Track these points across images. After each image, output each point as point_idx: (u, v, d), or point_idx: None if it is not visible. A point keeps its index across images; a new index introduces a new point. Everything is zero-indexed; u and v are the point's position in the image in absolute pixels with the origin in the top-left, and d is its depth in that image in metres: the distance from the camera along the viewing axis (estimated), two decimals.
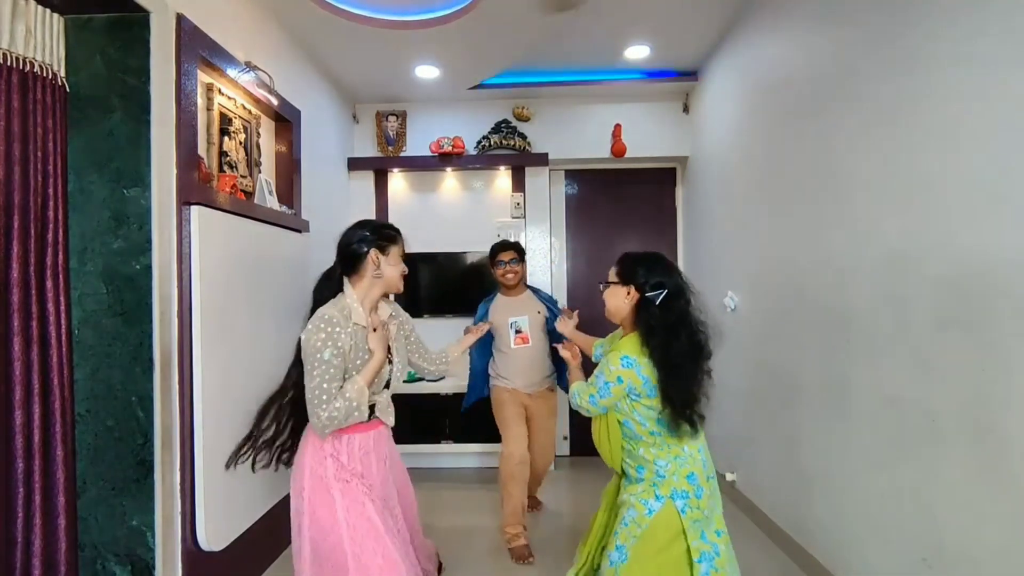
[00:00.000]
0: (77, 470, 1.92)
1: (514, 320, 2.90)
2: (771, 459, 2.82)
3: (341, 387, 1.63)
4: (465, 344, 2.37)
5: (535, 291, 3.09)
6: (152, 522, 1.93)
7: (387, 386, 1.85)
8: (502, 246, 3.00)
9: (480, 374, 3.03)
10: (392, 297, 1.96)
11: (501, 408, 2.90)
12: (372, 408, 1.78)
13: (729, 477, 3.31)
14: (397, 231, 1.83)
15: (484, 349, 3.00)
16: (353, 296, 1.74)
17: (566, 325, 2.37)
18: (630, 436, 1.79)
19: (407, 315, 2.04)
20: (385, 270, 1.76)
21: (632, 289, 1.77)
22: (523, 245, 3.75)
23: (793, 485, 2.59)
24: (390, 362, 1.82)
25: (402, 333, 1.96)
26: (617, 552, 1.72)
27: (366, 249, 1.74)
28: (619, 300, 1.80)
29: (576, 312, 2.48)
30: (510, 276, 2.94)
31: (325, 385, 1.60)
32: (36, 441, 1.77)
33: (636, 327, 1.76)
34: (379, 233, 1.77)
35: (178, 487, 2.02)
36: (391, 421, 1.88)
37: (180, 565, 2.01)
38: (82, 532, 1.92)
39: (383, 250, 1.76)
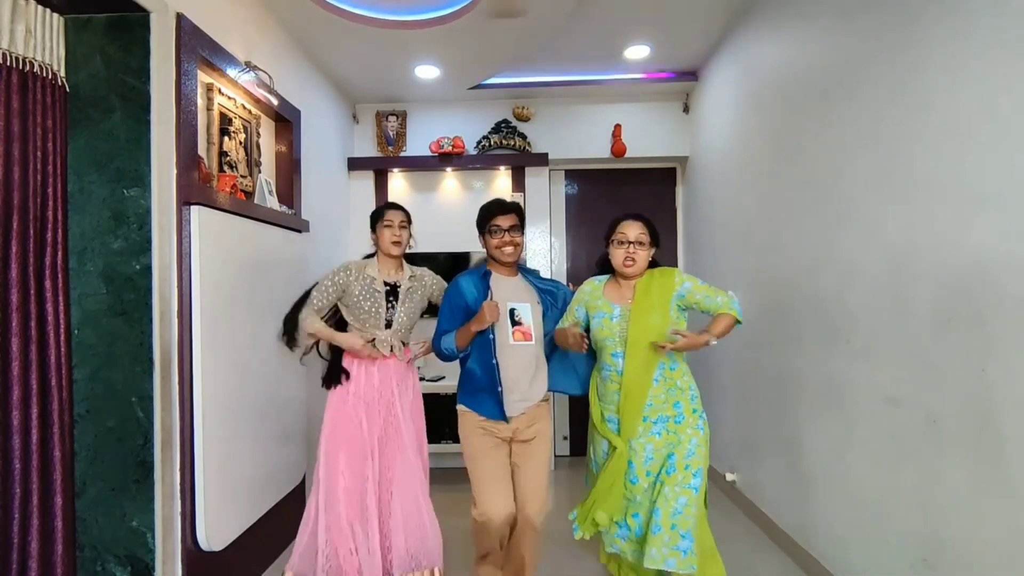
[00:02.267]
0: (77, 471, 1.92)
1: (514, 307, 2.06)
2: (771, 459, 2.82)
3: (319, 308, 2.22)
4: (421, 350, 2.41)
5: (526, 272, 2.21)
6: (152, 522, 1.93)
7: (388, 326, 2.26)
8: (500, 207, 2.08)
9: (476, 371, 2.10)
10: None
11: (474, 456, 2.07)
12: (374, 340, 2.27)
13: (729, 477, 3.31)
14: (381, 209, 2.32)
15: (483, 349, 2.06)
16: (375, 257, 2.35)
17: (691, 339, 1.88)
18: (671, 365, 2.01)
19: (437, 285, 2.41)
20: (379, 241, 2.29)
21: (654, 249, 2.12)
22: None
23: (793, 485, 2.59)
24: (392, 307, 2.26)
25: (418, 294, 2.35)
26: (696, 477, 1.93)
27: (372, 233, 2.36)
28: (647, 257, 2.08)
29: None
30: (509, 249, 2.07)
31: (310, 298, 2.23)
32: (34, 441, 1.76)
33: (649, 268, 2.12)
34: (372, 219, 2.35)
35: (178, 487, 2.02)
36: (395, 352, 2.28)
37: (180, 565, 2.01)
38: (82, 533, 1.92)
39: (374, 228, 2.32)
